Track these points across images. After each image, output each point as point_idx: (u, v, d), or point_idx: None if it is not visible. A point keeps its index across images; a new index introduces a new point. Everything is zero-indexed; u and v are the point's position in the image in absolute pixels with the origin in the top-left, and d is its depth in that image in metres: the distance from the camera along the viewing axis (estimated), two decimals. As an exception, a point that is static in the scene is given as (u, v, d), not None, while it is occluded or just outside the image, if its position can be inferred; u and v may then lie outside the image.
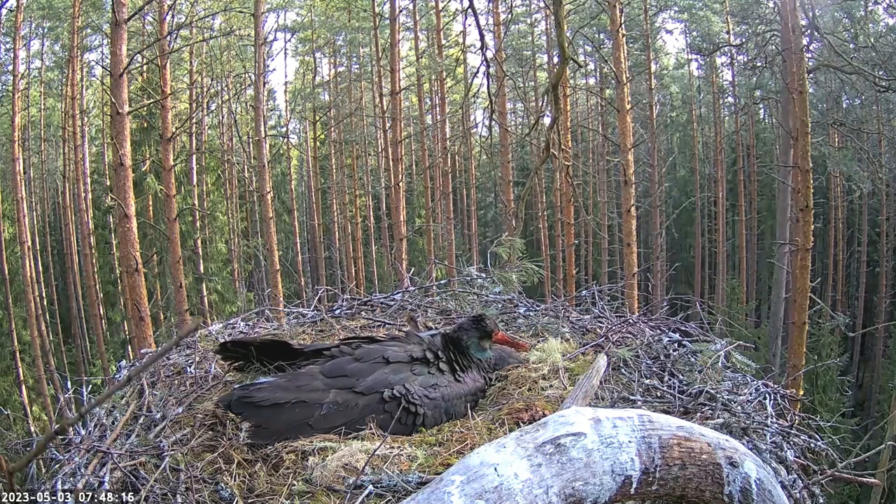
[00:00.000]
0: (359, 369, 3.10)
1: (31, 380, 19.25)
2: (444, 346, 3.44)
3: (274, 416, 2.81)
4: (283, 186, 30.18)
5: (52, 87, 27.09)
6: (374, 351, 3.24)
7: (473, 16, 5.41)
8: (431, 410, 3.13)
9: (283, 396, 2.86)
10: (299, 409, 2.85)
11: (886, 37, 14.04)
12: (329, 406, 2.91)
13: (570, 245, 18.29)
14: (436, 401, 3.17)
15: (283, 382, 2.98)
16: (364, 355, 3.20)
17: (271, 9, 22.91)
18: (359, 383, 3.04)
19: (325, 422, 2.87)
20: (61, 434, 2.86)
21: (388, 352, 3.24)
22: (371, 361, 3.16)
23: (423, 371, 3.24)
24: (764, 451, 2.79)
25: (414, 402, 3.09)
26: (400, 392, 3.08)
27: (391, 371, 3.14)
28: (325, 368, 3.09)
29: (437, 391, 3.21)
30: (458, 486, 1.74)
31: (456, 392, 3.28)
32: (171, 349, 3.72)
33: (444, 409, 3.18)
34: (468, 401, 3.29)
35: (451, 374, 3.32)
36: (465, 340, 3.51)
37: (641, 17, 21.61)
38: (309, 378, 3.04)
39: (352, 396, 2.99)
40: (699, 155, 30.94)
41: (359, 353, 3.22)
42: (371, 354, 3.21)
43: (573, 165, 16.40)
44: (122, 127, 9.04)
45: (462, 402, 3.26)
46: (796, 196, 11.59)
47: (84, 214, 21.27)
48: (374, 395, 3.03)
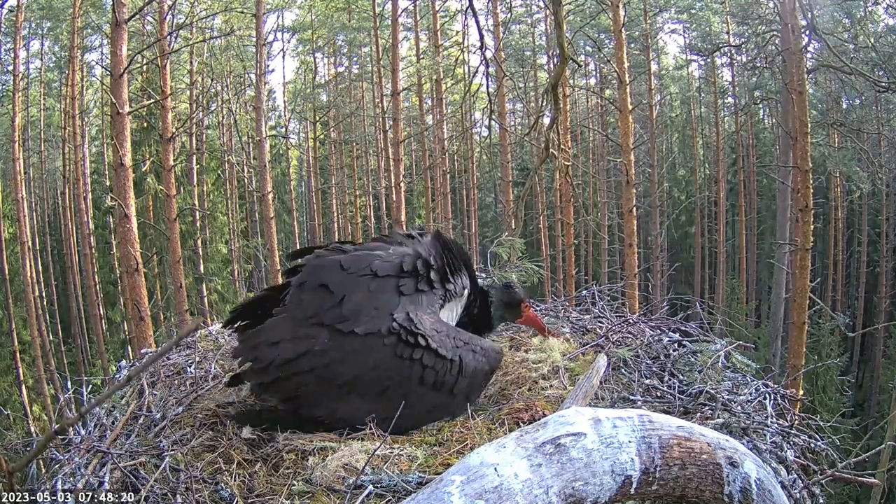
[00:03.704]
0: (343, 280, 2.82)
1: (31, 380, 19.25)
2: (441, 250, 3.09)
3: (271, 352, 2.68)
4: (283, 186, 30.19)
5: (52, 87, 27.10)
6: (359, 259, 2.91)
7: (473, 16, 5.41)
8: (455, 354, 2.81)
9: (281, 334, 2.72)
10: (293, 344, 2.70)
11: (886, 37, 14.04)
12: (325, 344, 2.71)
13: (570, 245, 18.29)
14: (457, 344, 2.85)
15: (282, 319, 2.79)
16: (348, 264, 2.89)
17: (271, 9, 22.88)
18: (344, 310, 2.74)
19: (320, 363, 2.68)
20: (61, 434, 2.86)
21: (376, 262, 2.91)
22: (356, 274, 2.85)
23: (413, 289, 2.90)
24: (764, 451, 2.78)
25: (421, 343, 2.75)
26: (404, 326, 2.77)
27: (378, 289, 2.83)
28: (306, 272, 2.87)
29: (455, 333, 2.89)
30: (458, 486, 1.74)
31: (480, 347, 2.94)
32: (171, 349, 3.72)
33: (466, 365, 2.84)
34: (488, 369, 2.98)
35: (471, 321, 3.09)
36: (491, 305, 3.33)
37: (641, 17, 21.61)
38: (299, 305, 2.81)
39: (351, 339, 2.73)
40: (699, 155, 30.95)
41: (344, 259, 2.91)
42: (356, 263, 2.89)
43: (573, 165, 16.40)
44: (122, 127, 9.03)
45: (484, 364, 2.93)
46: (796, 196, 11.60)
47: (84, 214, 21.26)
48: (375, 335, 2.74)
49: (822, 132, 18.61)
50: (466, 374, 2.87)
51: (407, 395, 2.76)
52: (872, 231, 25.31)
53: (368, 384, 2.75)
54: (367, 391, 2.75)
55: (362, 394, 2.75)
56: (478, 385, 3.00)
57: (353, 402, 2.75)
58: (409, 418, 2.77)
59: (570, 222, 18.18)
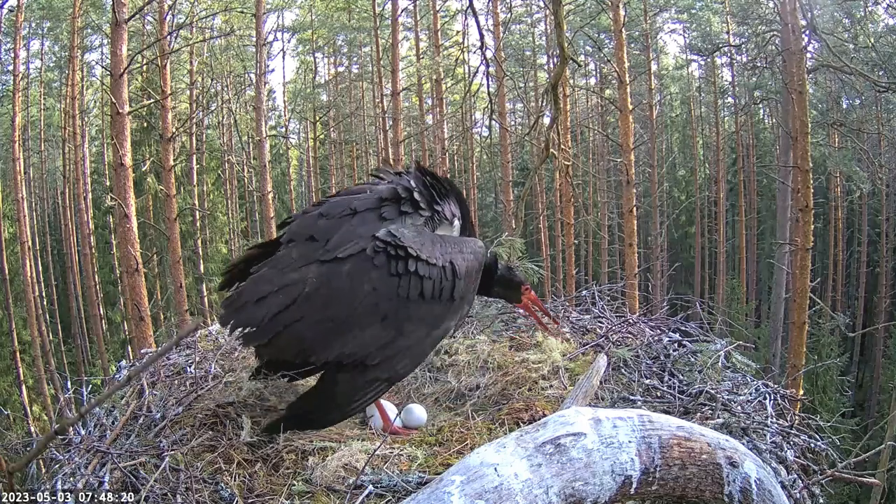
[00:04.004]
0: (326, 227, 2.76)
1: (31, 380, 19.24)
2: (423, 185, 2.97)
3: (259, 311, 2.57)
4: (283, 186, 30.18)
5: (52, 87, 27.08)
6: (340, 204, 2.85)
7: (473, 16, 5.41)
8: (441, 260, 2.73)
9: (266, 288, 2.62)
10: (283, 294, 2.59)
11: (886, 37, 14.04)
12: (312, 282, 2.60)
13: (570, 245, 18.28)
14: (439, 248, 2.77)
15: (265, 272, 2.68)
16: (329, 211, 2.82)
17: (271, 9, 22.88)
18: (328, 248, 2.67)
19: (313, 304, 2.58)
20: (61, 434, 2.86)
21: (355, 201, 2.84)
22: (338, 217, 2.79)
23: (395, 213, 2.83)
24: (764, 451, 2.79)
25: (411, 254, 2.66)
26: (387, 241, 2.68)
27: (359, 221, 2.76)
28: (294, 230, 2.80)
29: (436, 240, 2.80)
30: (458, 486, 1.74)
31: (459, 248, 2.86)
32: (171, 349, 3.72)
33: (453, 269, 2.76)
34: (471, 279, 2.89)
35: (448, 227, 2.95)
36: (495, 269, 3.24)
37: (641, 17, 21.60)
38: (286, 256, 2.71)
39: (335, 266, 2.64)
40: (699, 155, 30.93)
41: (324, 208, 2.86)
42: (337, 208, 2.82)
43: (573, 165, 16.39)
44: (122, 127, 9.03)
45: (470, 268, 2.86)
46: (796, 196, 11.59)
47: (84, 214, 21.24)
48: (359, 256, 2.65)
49: (823, 132, 18.60)
50: (461, 276, 2.80)
51: (409, 315, 2.69)
52: (872, 231, 25.29)
53: (368, 313, 2.64)
54: (369, 321, 2.65)
55: (364, 326, 2.65)
56: (472, 285, 2.93)
57: (357, 336, 2.63)
58: (419, 342, 2.73)
59: (570, 222, 18.16)
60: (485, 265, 3.14)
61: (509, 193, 18.96)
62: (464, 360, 3.59)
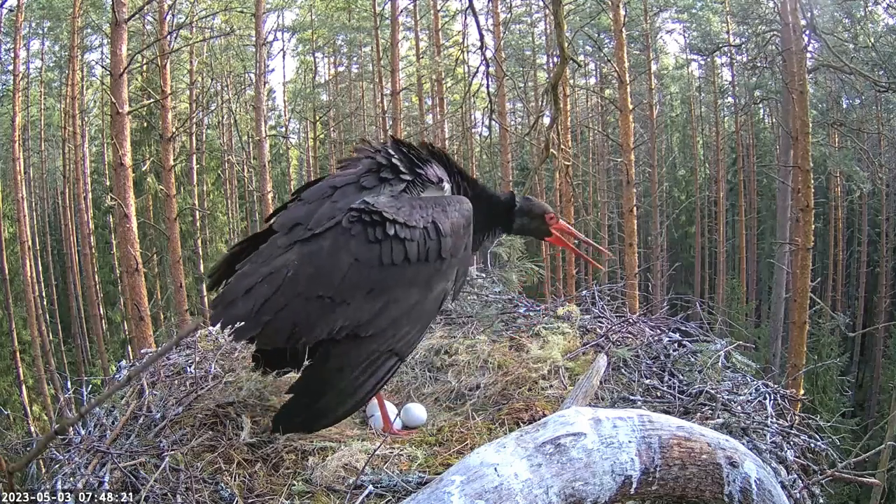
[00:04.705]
0: (309, 211, 2.72)
1: (31, 380, 19.24)
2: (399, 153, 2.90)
3: (246, 303, 2.53)
4: (283, 186, 30.18)
5: (52, 86, 27.07)
6: (320, 187, 2.82)
7: (473, 16, 5.41)
8: (419, 226, 2.65)
9: (251, 281, 2.58)
10: (268, 283, 2.55)
11: (886, 37, 14.02)
12: (294, 264, 2.56)
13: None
14: (418, 212, 2.68)
15: (249, 266, 2.65)
16: (310, 196, 2.80)
17: (271, 8, 22.89)
18: (310, 226, 2.64)
19: (298, 286, 2.53)
20: (61, 434, 2.86)
21: (337, 178, 2.82)
22: (319, 199, 2.76)
23: (376, 181, 2.79)
24: (764, 451, 2.79)
25: (388, 218, 2.59)
26: (361, 209, 2.63)
27: (339, 196, 2.73)
28: (279, 222, 2.76)
29: (416, 204, 2.72)
30: (458, 486, 1.74)
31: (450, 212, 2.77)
32: (171, 349, 3.72)
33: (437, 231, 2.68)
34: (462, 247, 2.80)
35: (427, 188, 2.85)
36: (518, 216, 3.16)
37: (641, 17, 21.60)
38: (270, 246, 2.68)
39: (314, 244, 2.61)
40: (699, 155, 30.92)
41: (305, 194, 2.83)
42: (317, 192, 2.80)
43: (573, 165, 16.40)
44: (122, 127, 9.04)
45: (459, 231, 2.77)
46: (797, 196, 11.59)
47: (84, 214, 21.24)
48: (336, 230, 2.61)
49: (823, 132, 18.61)
50: (446, 234, 2.73)
51: (397, 280, 2.63)
52: (872, 231, 25.29)
53: (353, 285, 2.58)
54: (356, 293, 2.58)
55: (352, 298, 2.58)
56: (461, 242, 2.85)
57: (346, 309, 2.58)
58: (415, 307, 2.67)
59: (570, 222, 18.16)
60: (503, 201, 3.13)
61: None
62: (464, 360, 3.59)
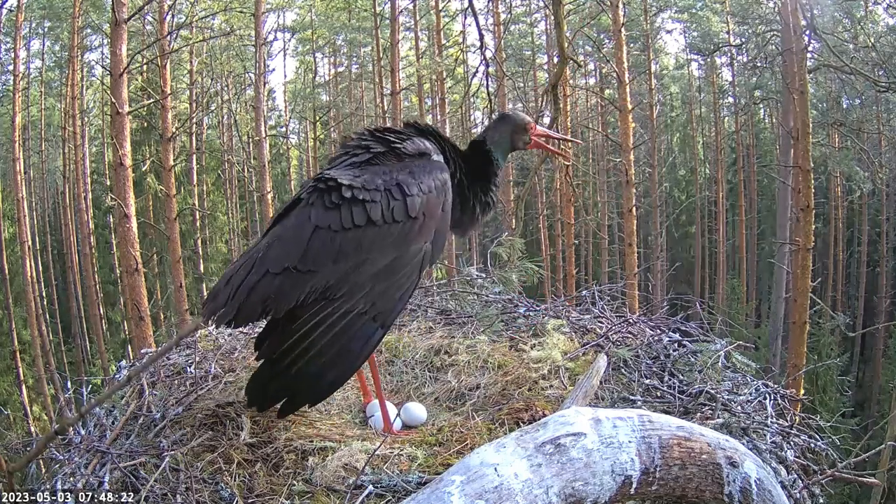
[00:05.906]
0: (284, 202, 2.87)
1: (31, 380, 19.24)
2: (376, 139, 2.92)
3: (226, 290, 2.62)
4: (283, 186, 30.17)
5: (53, 86, 27.07)
6: (304, 181, 2.95)
7: (473, 16, 5.41)
8: (378, 194, 2.64)
9: (230, 271, 2.71)
10: (243, 269, 2.64)
11: (886, 37, 14.03)
12: (264, 247, 2.65)
13: (570, 245, 18.29)
14: (379, 179, 2.68)
15: (233, 263, 2.81)
16: (291, 198, 2.91)
17: (271, 9, 22.89)
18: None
19: (266, 263, 2.57)
20: (61, 434, 2.86)
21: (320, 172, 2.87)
22: (295, 196, 2.85)
23: (345, 159, 2.86)
24: (764, 451, 2.79)
25: (343, 183, 2.63)
26: (317, 179, 2.70)
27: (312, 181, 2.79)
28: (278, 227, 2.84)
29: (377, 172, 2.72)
30: (458, 486, 1.74)
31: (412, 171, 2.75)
32: (171, 349, 3.72)
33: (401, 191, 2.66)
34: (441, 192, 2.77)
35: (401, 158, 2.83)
36: (491, 145, 3.10)
37: (641, 17, 21.60)
38: (253, 245, 2.83)
39: (281, 225, 2.73)
40: (699, 155, 30.92)
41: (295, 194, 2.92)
42: (301, 185, 2.93)
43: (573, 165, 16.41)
44: (122, 127, 9.05)
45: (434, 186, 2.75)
46: (797, 196, 11.59)
47: (84, 214, 21.24)
48: (297, 205, 2.71)
49: (823, 132, 18.60)
50: (412, 193, 2.69)
51: (362, 242, 2.63)
52: (872, 231, 25.29)
53: (319, 252, 2.60)
54: (324, 259, 2.59)
55: (320, 264, 2.59)
56: (437, 201, 2.77)
57: (315, 276, 2.58)
58: (390, 266, 2.65)
59: (570, 222, 18.17)
60: (474, 151, 3.13)
61: (509, 193, 18.97)
62: (464, 360, 3.59)
